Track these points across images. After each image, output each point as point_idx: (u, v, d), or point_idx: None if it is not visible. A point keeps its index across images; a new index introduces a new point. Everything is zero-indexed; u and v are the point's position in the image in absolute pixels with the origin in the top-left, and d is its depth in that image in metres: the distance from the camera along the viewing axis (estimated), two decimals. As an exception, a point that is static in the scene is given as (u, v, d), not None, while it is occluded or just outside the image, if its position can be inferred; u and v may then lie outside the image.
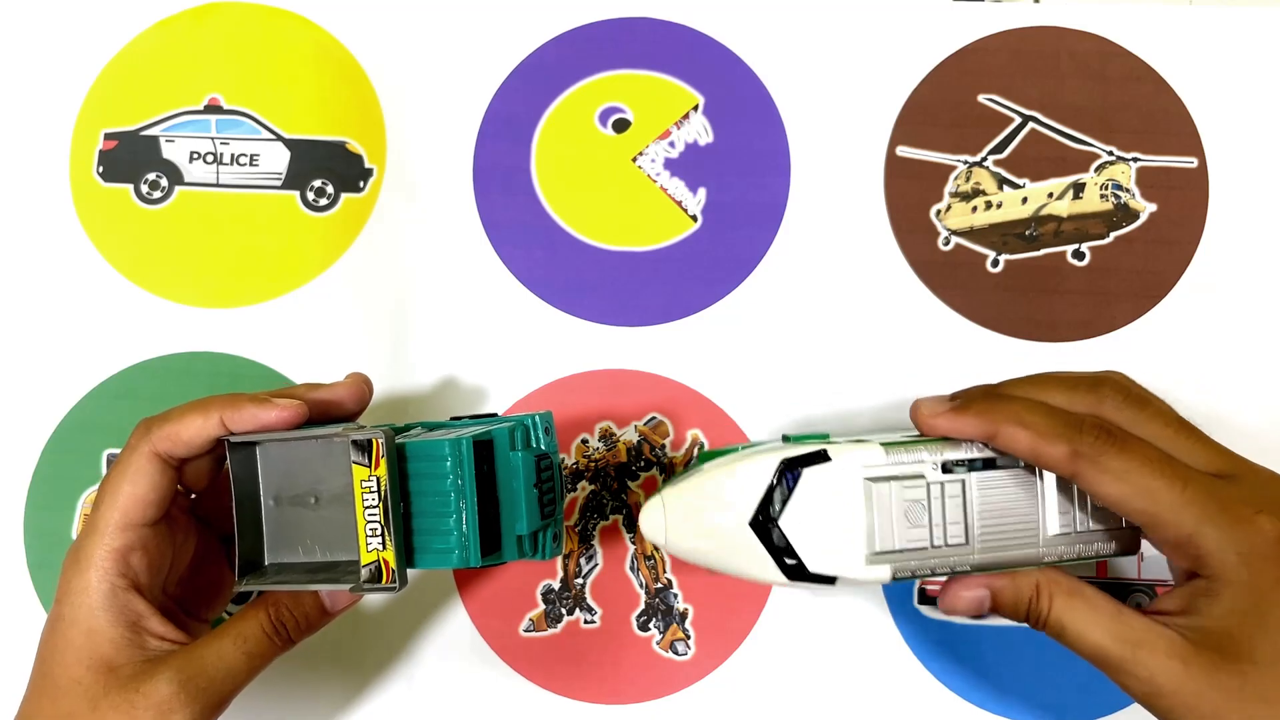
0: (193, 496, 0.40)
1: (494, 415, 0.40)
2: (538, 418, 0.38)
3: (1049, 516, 0.34)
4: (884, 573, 0.34)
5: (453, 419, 0.40)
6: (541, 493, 0.37)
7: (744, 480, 0.34)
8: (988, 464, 0.34)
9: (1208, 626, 0.31)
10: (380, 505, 0.34)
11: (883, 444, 0.34)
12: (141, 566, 0.36)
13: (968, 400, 0.34)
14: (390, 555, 0.34)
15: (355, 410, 0.40)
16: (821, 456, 0.34)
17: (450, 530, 0.34)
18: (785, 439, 0.36)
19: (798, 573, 0.34)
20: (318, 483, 0.37)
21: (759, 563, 0.34)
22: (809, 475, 0.34)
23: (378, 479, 0.34)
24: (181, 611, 0.39)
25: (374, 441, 0.34)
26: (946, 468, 0.34)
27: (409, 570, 0.35)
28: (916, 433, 0.36)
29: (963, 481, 0.34)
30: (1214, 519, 0.31)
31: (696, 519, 0.34)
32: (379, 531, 0.34)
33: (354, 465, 0.34)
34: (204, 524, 0.41)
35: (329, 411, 0.39)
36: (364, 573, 0.34)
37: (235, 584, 0.37)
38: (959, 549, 0.34)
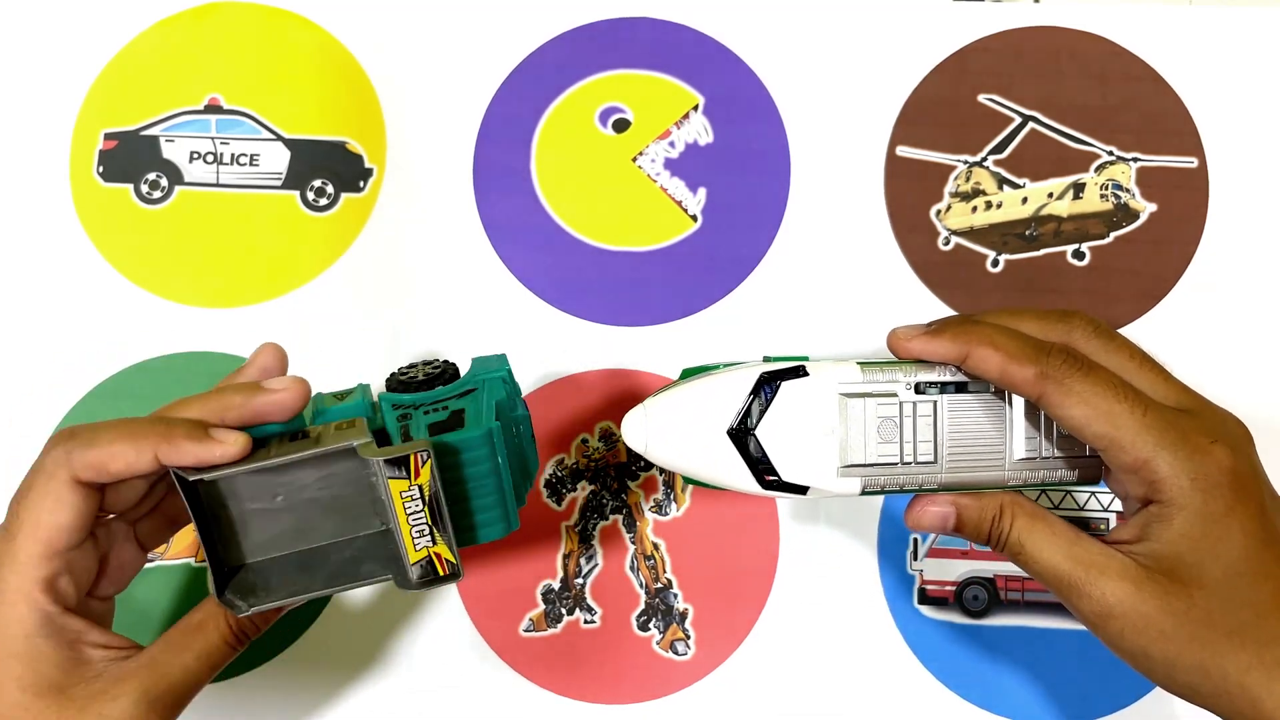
0: (110, 516, 0.37)
1: (443, 368, 0.39)
2: (505, 373, 0.39)
3: (1016, 441, 0.35)
4: (854, 485, 0.35)
5: (399, 380, 0.38)
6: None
7: (724, 392, 0.35)
8: (959, 388, 0.35)
9: (1159, 551, 0.32)
10: (426, 509, 0.34)
11: (859, 363, 0.35)
12: (70, 588, 0.34)
13: (943, 325, 0.35)
14: (443, 548, 0.34)
15: (297, 408, 0.36)
16: (800, 371, 0.35)
17: (493, 505, 0.35)
18: (766, 358, 0.36)
19: (772, 481, 0.35)
20: (281, 486, 0.36)
21: (735, 471, 0.35)
22: (787, 389, 0.35)
23: (420, 487, 0.33)
24: (87, 597, 0.37)
25: (411, 457, 0.33)
26: (919, 389, 0.35)
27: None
28: (894, 358, 0.37)
29: (934, 402, 0.35)
30: (1171, 445, 0.32)
31: (677, 428, 0.35)
32: (426, 531, 0.34)
33: (390, 480, 0.33)
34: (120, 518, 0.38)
35: (268, 418, 0.35)
36: (415, 570, 0.34)
37: (229, 607, 0.35)
38: (927, 467, 0.35)
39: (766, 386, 0.35)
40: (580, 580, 0.48)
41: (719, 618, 0.47)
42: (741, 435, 0.35)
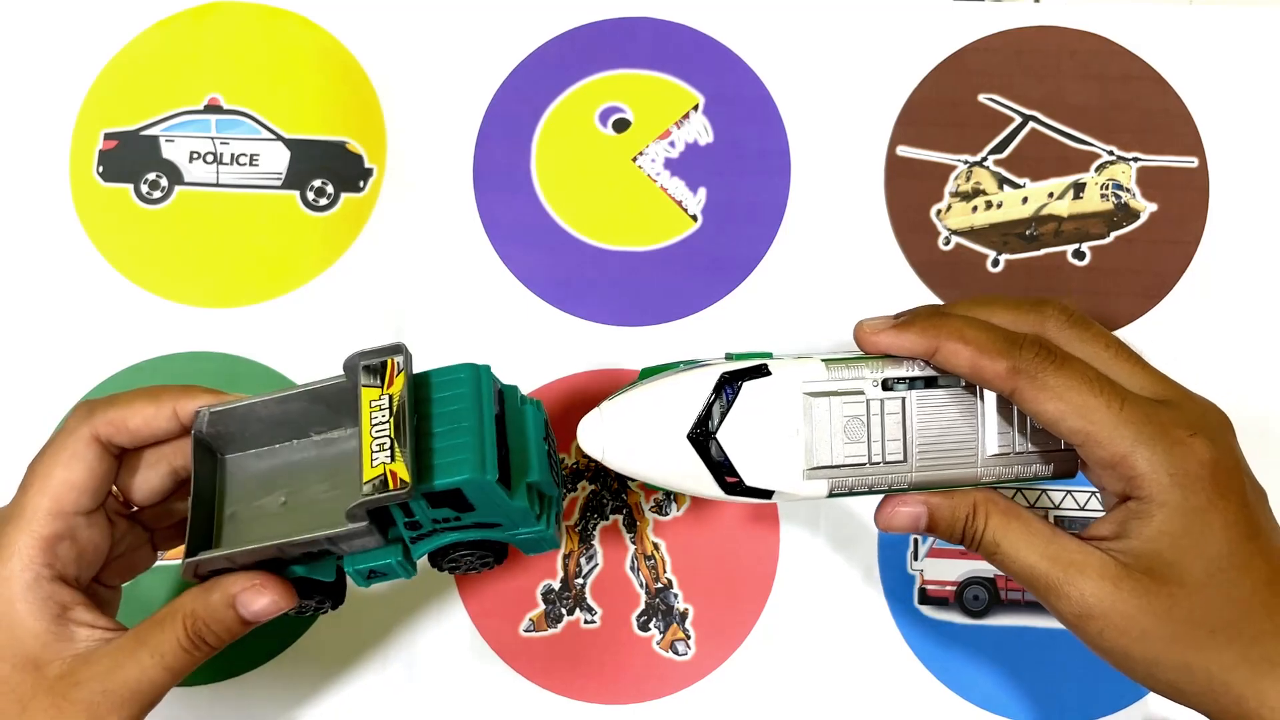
0: (134, 509, 0.38)
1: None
2: (524, 398, 0.38)
3: (988, 436, 0.34)
4: (821, 488, 0.34)
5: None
6: (549, 451, 0.36)
7: (684, 393, 0.34)
8: (929, 383, 0.34)
9: (1139, 549, 0.31)
10: (391, 420, 0.32)
11: (824, 360, 0.34)
12: (69, 556, 0.34)
13: (911, 317, 0.34)
14: (400, 466, 0.32)
15: None
16: (762, 371, 0.33)
17: (466, 447, 0.33)
18: (729, 356, 0.35)
19: (735, 487, 0.34)
20: (288, 488, 0.35)
21: (697, 476, 0.34)
22: (748, 389, 0.33)
23: (390, 396, 0.32)
24: (94, 581, 0.36)
25: (389, 361, 0.32)
26: (887, 385, 0.34)
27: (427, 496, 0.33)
28: (860, 353, 0.35)
29: (903, 399, 0.34)
30: (1149, 440, 0.31)
31: (635, 432, 0.34)
32: (387, 445, 0.32)
33: (363, 388, 0.32)
34: (140, 524, 0.38)
35: None
36: (366, 487, 0.32)
37: (185, 561, 0.34)
38: (897, 466, 0.34)
39: (728, 387, 0.33)
40: (580, 580, 0.48)
41: (719, 618, 0.47)
42: (702, 439, 0.33)
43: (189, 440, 0.35)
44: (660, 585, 0.47)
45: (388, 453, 0.32)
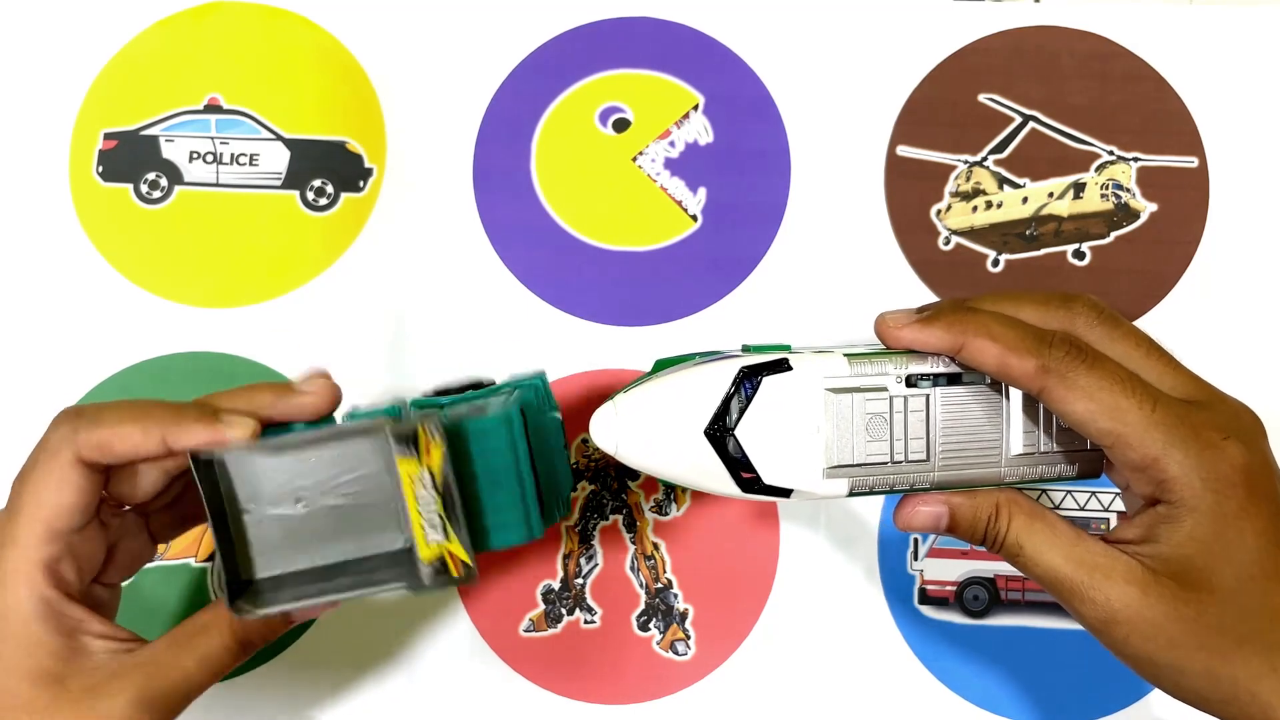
0: (126, 508, 0.37)
1: (479, 382, 0.38)
2: (540, 382, 0.37)
3: (1013, 435, 0.33)
4: (841, 487, 0.33)
5: (436, 392, 0.37)
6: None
7: (701, 387, 0.33)
8: (952, 380, 0.33)
9: (1167, 554, 0.30)
10: (439, 496, 0.31)
11: (846, 355, 0.33)
12: (72, 574, 0.34)
13: (936, 312, 0.33)
14: (456, 546, 0.32)
15: (326, 411, 0.36)
16: (783, 365, 0.33)
17: (511, 505, 0.33)
18: (745, 348, 0.34)
19: (753, 485, 0.33)
20: (298, 485, 0.34)
21: (713, 473, 0.33)
22: (769, 384, 0.32)
23: (430, 472, 0.31)
24: (94, 582, 0.36)
25: (420, 430, 0.31)
26: (911, 381, 0.33)
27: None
28: (882, 346, 0.34)
29: (927, 396, 0.33)
30: (1182, 442, 0.30)
31: (650, 427, 0.33)
32: (438, 525, 0.32)
33: (398, 459, 0.31)
34: (134, 513, 0.38)
35: (293, 419, 0.35)
36: (427, 570, 0.32)
37: (237, 612, 0.33)
38: (919, 465, 0.33)
39: (746, 382, 0.32)
40: (580, 580, 0.48)
41: (719, 618, 0.47)
42: (720, 435, 0.33)
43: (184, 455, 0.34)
44: (660, 585, 0.47)
45: (440, 532, 0.32)
